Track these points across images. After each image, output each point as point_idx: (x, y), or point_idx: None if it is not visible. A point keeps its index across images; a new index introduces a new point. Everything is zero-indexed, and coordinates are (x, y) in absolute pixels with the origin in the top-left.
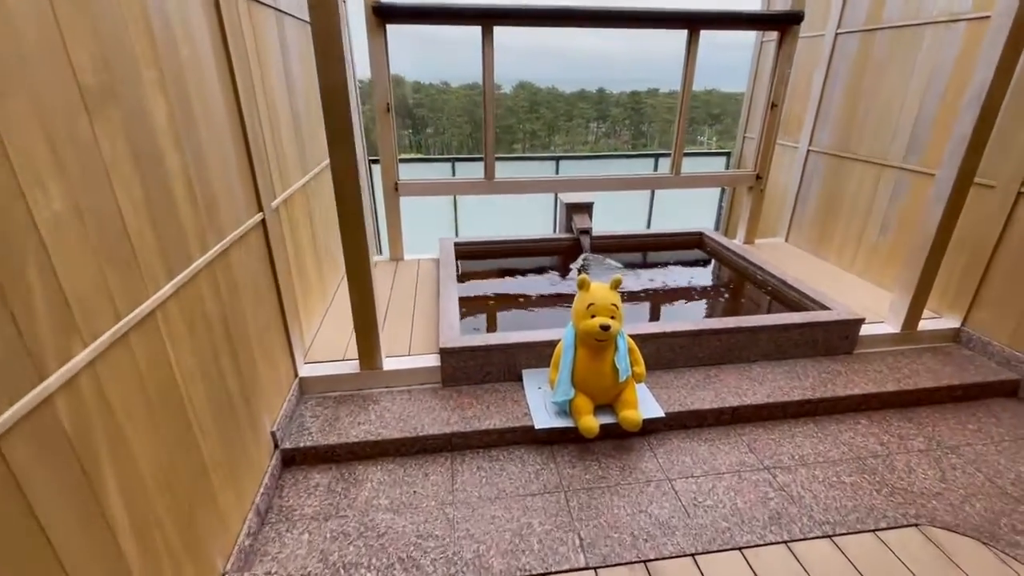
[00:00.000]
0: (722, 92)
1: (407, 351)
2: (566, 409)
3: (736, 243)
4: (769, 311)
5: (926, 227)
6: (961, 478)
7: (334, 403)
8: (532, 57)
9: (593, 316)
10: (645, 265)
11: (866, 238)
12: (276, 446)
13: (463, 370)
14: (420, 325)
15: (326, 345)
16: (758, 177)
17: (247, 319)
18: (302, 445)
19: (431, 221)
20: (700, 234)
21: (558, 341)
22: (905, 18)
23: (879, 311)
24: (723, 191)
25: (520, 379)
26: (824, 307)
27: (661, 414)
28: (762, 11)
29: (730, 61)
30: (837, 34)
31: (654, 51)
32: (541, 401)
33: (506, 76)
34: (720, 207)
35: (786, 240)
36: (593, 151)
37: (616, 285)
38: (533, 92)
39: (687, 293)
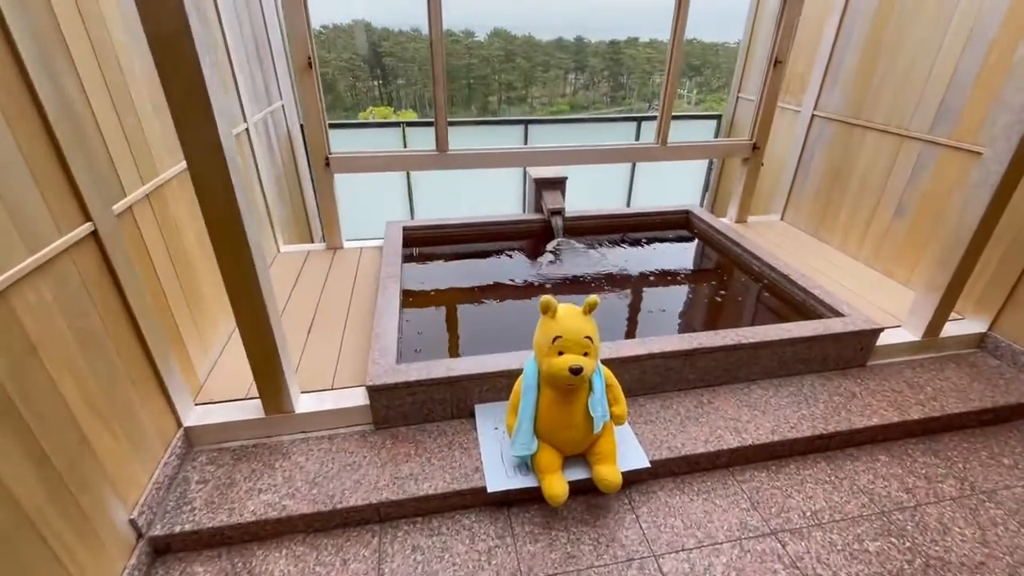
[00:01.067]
0: (703, 42)
1: (331, 383)
2: (528, 462)
3: (727, 223)
4: (768, 313)
5: (965, 217)
6: (1004, 538)
7: (232, 459)
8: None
9: (561, 353)
10: (626, 250)
11: (878, 221)
12: (140, 535)
13: (399, 409)
14: (352, 343)
15: (229, 378)
16: (755, 147)
17: (65, 385)
18: (178, 530)
19: (384, 199)
20: (687, 212)
21: (519, 372)
22: None
23: (892, 308)
24: (711, 161)
25: (473, 415)
26: (837, 312)
27: (645, 464)
28: None
29: (714, 5)
30: None
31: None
32: (498, 448)
33: (479, 23)
34: (707, 179)
35: (782, 218)
36: (572, 103)
37: (591, 309)
38: (508, 40)
39: (674, 289)
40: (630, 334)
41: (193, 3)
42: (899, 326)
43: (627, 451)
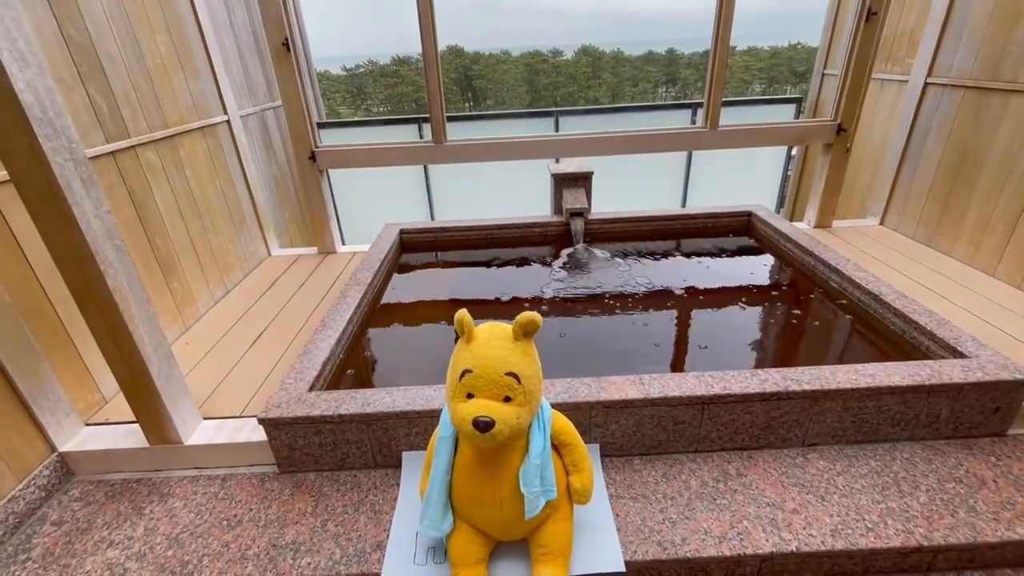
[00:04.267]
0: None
1: (242, 408)
2: (444, 543)
3: (803, 228)
4: (850, 349)
5: None
6: None
7: (105, 496)
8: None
9: (469, 395)
10: (663, 261)
11: None
12: None
13: (306, 450)
14: (290, 360)
15: None
16: (841, 129)
17: None
18: None
19: (407, 198)
20: (748, 215)
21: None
22: None
23: None
24: (789, 153)
25: (400, 464)
26: (956, 351)
27: (619, 567)
28: None
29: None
30: None
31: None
32: (412, 521)
33: (568, 42)
34: (785, 176)
35: (881, 223)
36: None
37: (525, 331)
38: (596, 57)
39: (716, 314)
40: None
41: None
42: None
43: (594, 542)
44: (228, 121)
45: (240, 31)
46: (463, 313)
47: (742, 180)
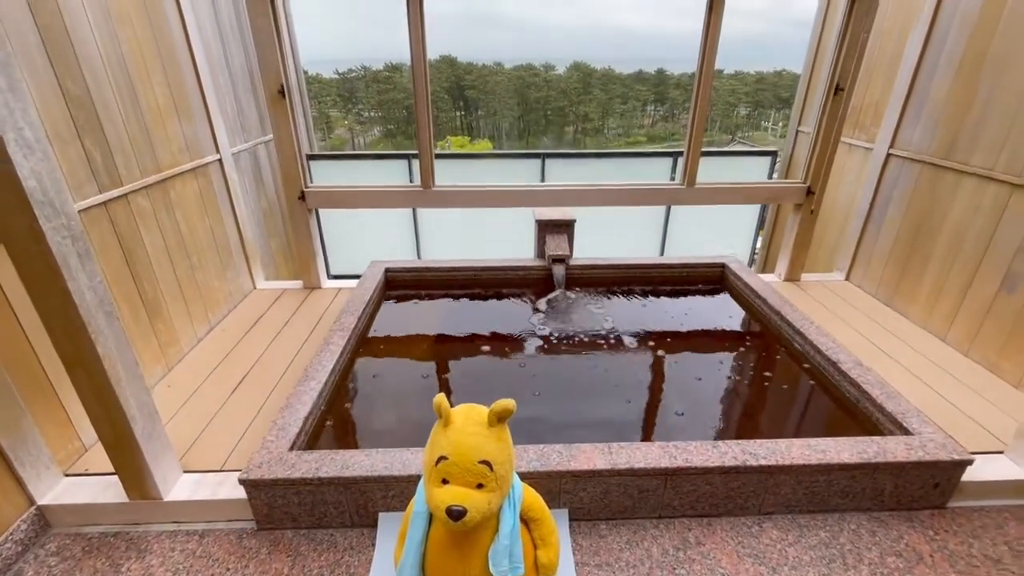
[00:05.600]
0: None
1: (223, 462)
2: None
3: (773, 281)
4: (809, 414)
5: None
6: None
7: (82, 551)
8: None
9: (445, 481)
10: (639, 309)
11: (977, 293)
12: None
13: (285, 509)
14: (272, 409)
15: None
16: (809, 192)
17: None
18: None
19: (396, 229)
20: (722, 266)
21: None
22: None
23: (993, 421)
24: (764, 206)
25: (376, 524)
26: (901, 427)
27: None
28: None
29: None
30: None
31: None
32: None
33: (560, 57)
34: (759, 226)
35: (847, 278)
36: (650, 135)
37: (501, 416)
38: (587, 73)
39: (684, 369)
40: (608, 429)
41: None
42: (1001, 452)
43: None
44: (220, 160)
45: (236, 69)
46: (440, 398)
47: (719, 228)
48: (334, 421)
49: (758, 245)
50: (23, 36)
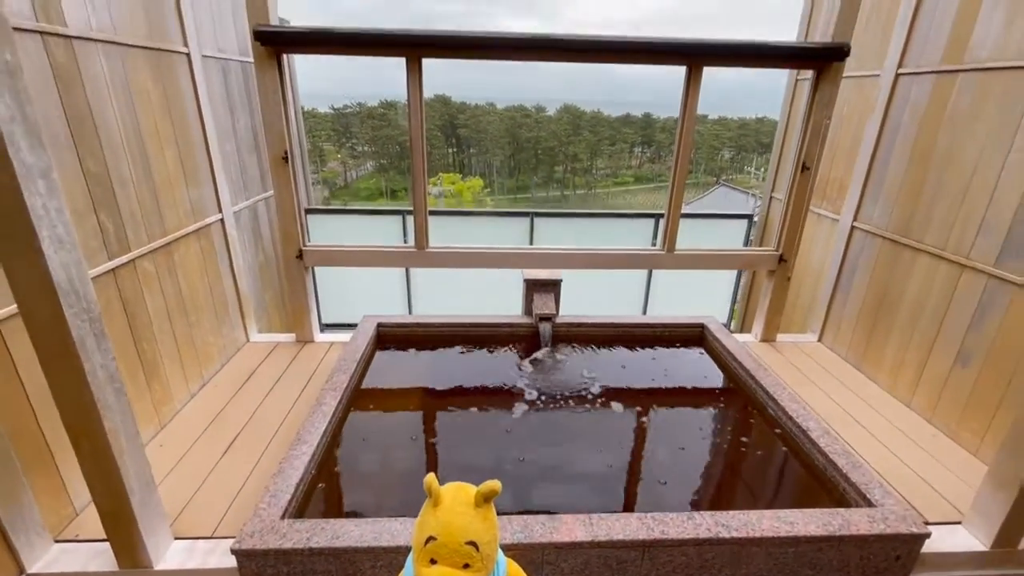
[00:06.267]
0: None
1: (213, 529)
2: None
3: (750, 341)
4: (782, 482)
5: None
6: None
7: None
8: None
9: (433, 561)
10: (622, 370)
11: (935, 365)
12: None
13: None
14: (264, 472)
15: None
16: (782, 260)
17: None
18: None
19: (389, 279)
20: (701, 327)
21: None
22: (1002, 57)
23: (952, 490)
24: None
25: None
26: (865, 498)
27: None
28: (788, 43)
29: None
30: (899, 75)
31: (705, 78)
32: None
33: (551, 99)
34: (737, 285)
35: (819, 339)
36: (637, 176)
37: (488, 497)
38: (577, 115)
39: (663, 432)
40: (590, 495)
41: (22, 130)
42: (959, 523)
43: None
44: (222, 219)
45: (241, 132)
46: (431, 479)
47: (700, 285)
48: (325, 485)
49: (737, 302)
50: (53, 126)
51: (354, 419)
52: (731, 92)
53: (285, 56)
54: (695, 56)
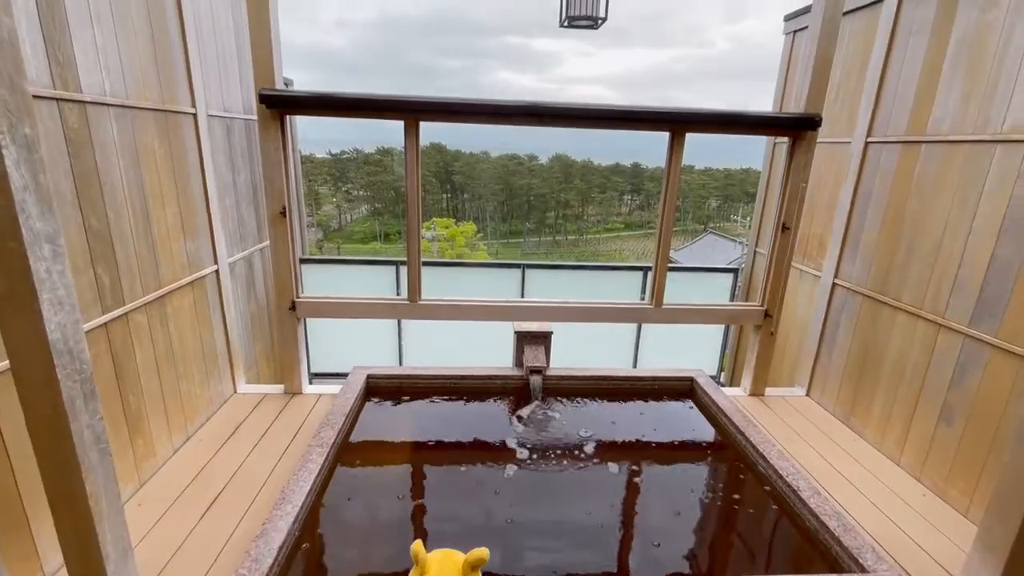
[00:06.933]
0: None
1: None
2: None
3: (739, 395)
4: (774, 542)
5: None
6: None
7: None
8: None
9: None
10: (612, 426)
11: (921, 423)
12: None
13: None
14: (245, 534)
15: None
16: (767, 315)
17: None
18: None
19: (380, 328)
20: (691, 380)
21: None
22: (961, 131)
23: (944, 551)
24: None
25: None
26: (859, 564)
27: None
28: (765, 113)
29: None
30: (868, 143)
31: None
32: None
33: (544, 148)
34: (726, 336)
35: (807, 393)
36: (627, 222)
37: (475, 566)
38: (568, 164)
39: (653, 489)
40: (580, 559)
41: (34, 199)
42: None
43: None
44: (217, 270)
45: (241, 188)
46: (417, 547)
47: (689, 337)
48: (309, 546)
49: (727, 351)
50: (60, 186)
51: (341, 476)
52: (716, 143)
53: (287, 116)
54: (677, 123)
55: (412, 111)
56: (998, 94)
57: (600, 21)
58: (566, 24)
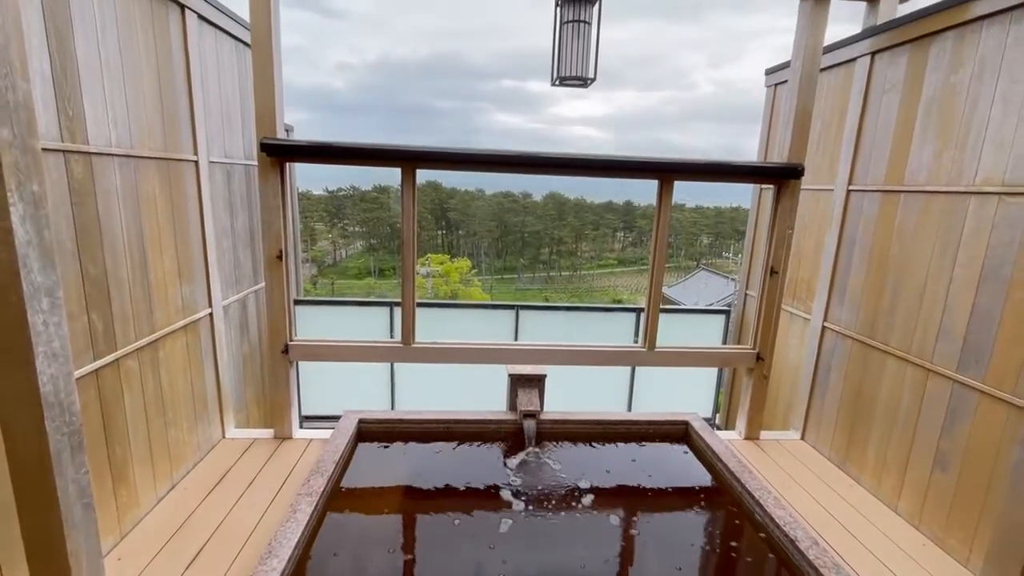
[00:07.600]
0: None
1: None
2: None
3: (734, 439)
4: None
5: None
6: None
7: None
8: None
9: None
10: (607, 474)
11: (915, 469)
12: None
13: None
14: None
15: None
16: (759, 358)
17: None
18: None
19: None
20: (685, 424)
21: None
22: (936, 182)
23: None
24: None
25: None
26: None
27: None
28: (749, 163)
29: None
30: (850, 190)
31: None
32: None
33: (538, 185)
34: (720, 379)
35: (802, 437)
36: (620, 259)
37: None
38: (561, 202)
39: (648, 539)
40: None
41: (36, 253)
42: None
43: None
44: (211, 314)
45: (239, 231)
46: None
47: (683, 379)
48: None
49: (721, 392)
50: (60, 235)
51: (330, 525)
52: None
53: (287, 163)
54: (666, 172)
55: (409, 159)
56: (968, 148)
57: (589, 81)
58: (557, 83)
